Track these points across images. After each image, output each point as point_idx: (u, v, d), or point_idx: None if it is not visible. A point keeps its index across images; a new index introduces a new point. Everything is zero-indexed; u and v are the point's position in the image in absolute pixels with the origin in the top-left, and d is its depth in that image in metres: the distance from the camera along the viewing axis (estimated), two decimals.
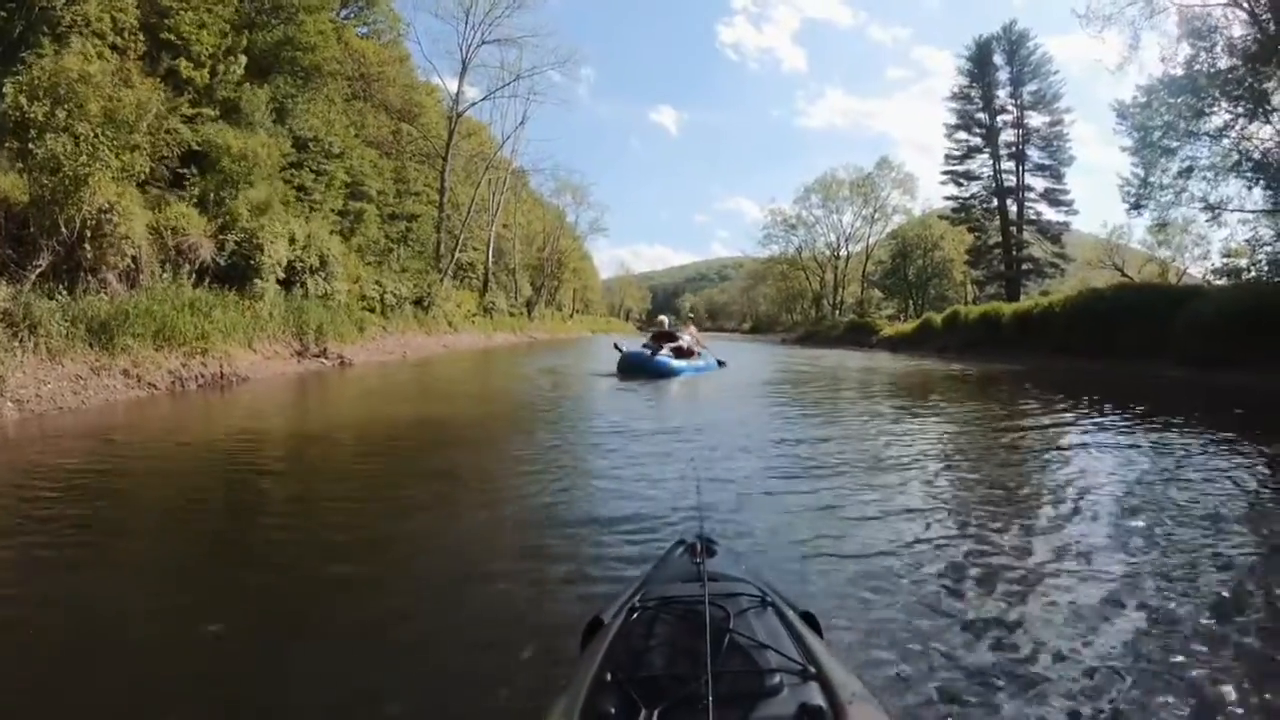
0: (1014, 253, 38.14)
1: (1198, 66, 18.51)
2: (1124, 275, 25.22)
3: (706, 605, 1.41)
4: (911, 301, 52.64)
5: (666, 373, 14.01)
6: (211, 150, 14.37)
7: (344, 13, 24.75)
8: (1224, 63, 18.07)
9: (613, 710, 1.16)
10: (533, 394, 11.98)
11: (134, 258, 11.03)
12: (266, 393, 10.67)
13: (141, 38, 13.85)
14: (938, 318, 28.72)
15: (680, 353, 15.09)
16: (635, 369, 14.03)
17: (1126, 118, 20.28)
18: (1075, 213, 38.11)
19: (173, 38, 15.05)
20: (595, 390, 12.37)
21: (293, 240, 14.97)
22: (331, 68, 21.97)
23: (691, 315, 19.05)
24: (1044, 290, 34.46)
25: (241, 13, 17.41)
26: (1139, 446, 6.65)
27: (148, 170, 11.52)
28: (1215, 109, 18.61)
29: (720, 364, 16.71)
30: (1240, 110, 18.00)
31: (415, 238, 29.16)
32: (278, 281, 14.28)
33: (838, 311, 54.86)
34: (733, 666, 1.28)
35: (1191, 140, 19.17)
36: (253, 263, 13.17)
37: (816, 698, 1.19)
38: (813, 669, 1.28)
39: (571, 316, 62.11)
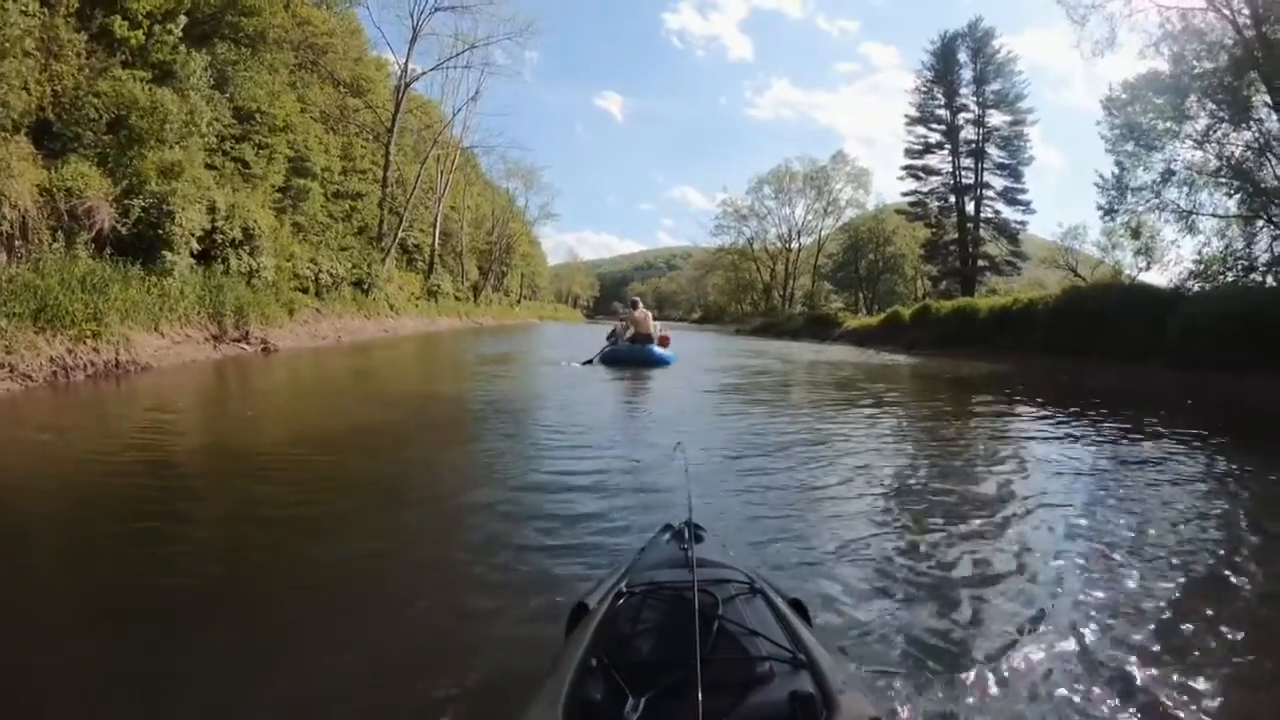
0: (970, 249, 38.31)
1: (1179, 68, 18.15)
2: (1076, 275, 25.21)
3: (695, 591, 1.35)
4: (862, 295, 53.03)
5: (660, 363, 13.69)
6: (119, 103, 12.58)
7: None
8: (1204, 66, 17.73)
9: (599, 697, 1.13)
10: (482, 388, 10.56)
11: (15, 222, 9.34)
12: (167, 384, 9.05)
13: None
14: (906, 312, 28.06)
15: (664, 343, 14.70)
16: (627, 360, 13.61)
17: (1112, 113, 19.81)
18: (1033, 212, 38.70)
19: None
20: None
21: (213, 209, 13.23)
22: (277, 35, 20.62)
23: (636, 300, 17.82)
24: (991, 289, 34.62)
25: None
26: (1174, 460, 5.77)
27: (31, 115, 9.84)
28: (1198, 112, 18.29)
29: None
30: (1223, 115, 17.67)
31: (360, 217, 27.55)
32: (192, 255, 12.54)
33: (788, 303, 54.71)
34: (722, 654, 1.26)
35: (1171, 142, 18.84)
36: (161, 232, 11.43)
37: (807, 685, 1.17)
38: (803, 656, 1.26)
39: (519, 302, 60.41)
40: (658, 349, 13.96)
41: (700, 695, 1.04)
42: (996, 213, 39.05)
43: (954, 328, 22.28)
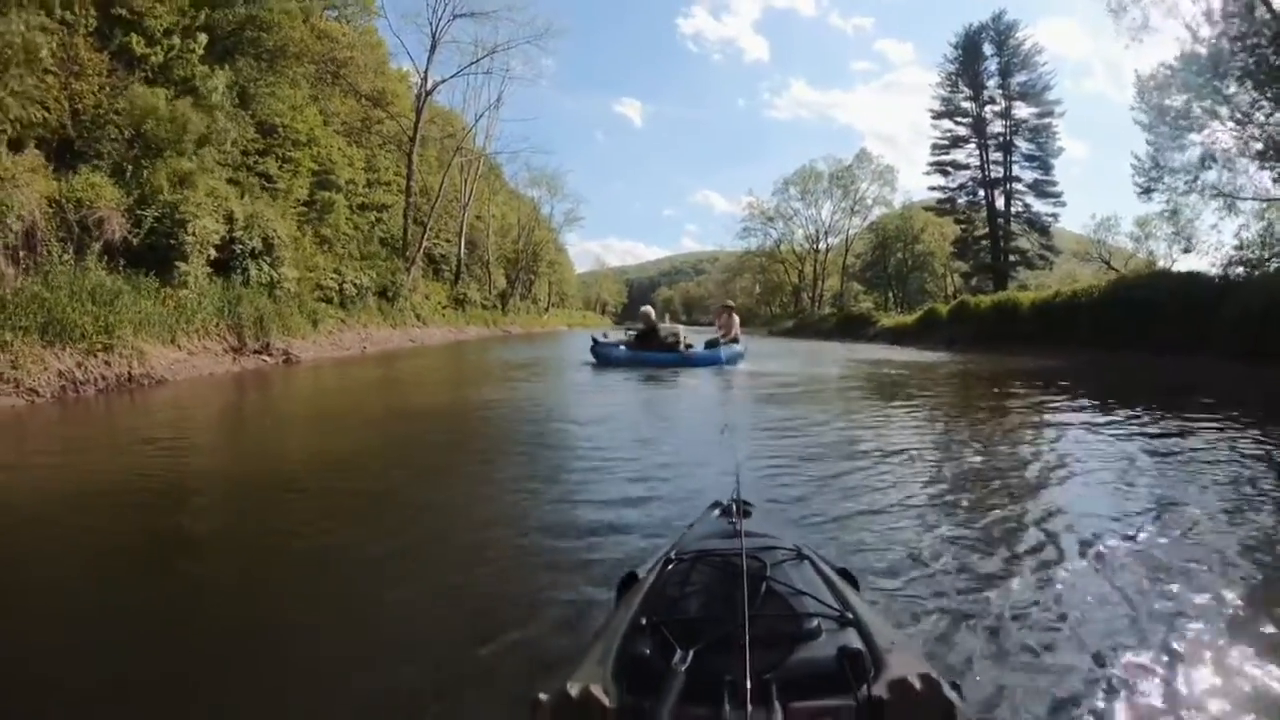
0: (1001, 244, 37.34)
1: (1218, 48, 17.33)
2: (1111, 268, 24.39)
3: (744, 556, 1.34)
4: (891, 294, 52.16)
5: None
6: (135, 112, 12.43)
7: None
8: (1246, 44, 16.88)
9: (648, 651, 1.15)
10: (509, 392, 10.03)
11: (23, 233, 9.10)
12: (182, 398, 8.70)
13: (93, 12, 12.89)
14: (943, 309, 27.20)
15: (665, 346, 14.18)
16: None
17: (1147, 95, 18.97)
18: (1063, 204, 37.68)
19: (124, 12, 13.79)
20: None
21: (230, 219, 12.97)
22: (297, 49, 21.02)
23: (731, 305, 17.42)
24: (1022, 284, 33.65)
25: None
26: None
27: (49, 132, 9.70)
28: (1239, 92, 17.43)
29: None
30: (1267, 95, 16.79)
31: (385, 228, 27.43)
32: (210, 265, 12.27)
33: (817, 305, 53.89)
34: (770, 611, 1.25)
35: (1210, 123, 17.98)
36: (174, 242, 11.16)
37: (855, 642, 1.16)
38: (851, 615, 1.25)
39: (547, 310, 60.20)
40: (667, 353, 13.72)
41: (749, 648, 1.04)
42: (1027, 206, 38.07)
43: (994, 323, 21.43)
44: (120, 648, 2.30)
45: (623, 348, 14.14)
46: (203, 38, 15.45)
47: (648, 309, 15.52)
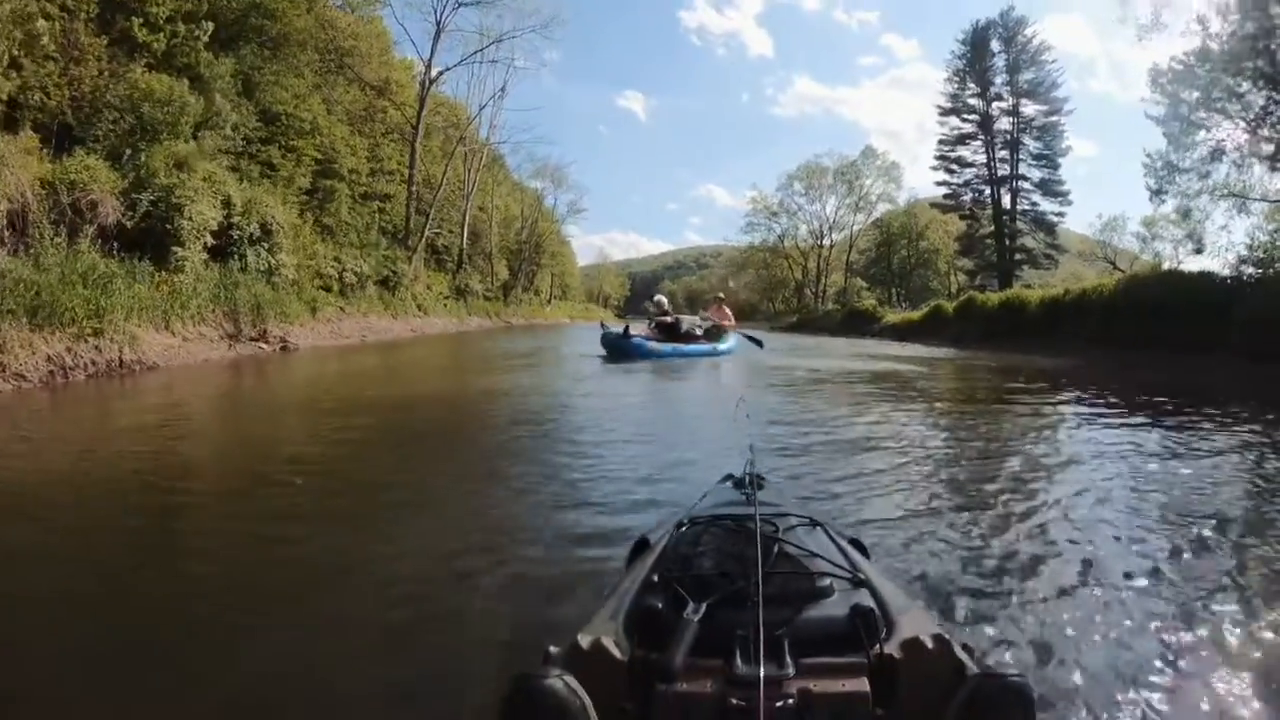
0: (1007, 242, 37.10)
1: (1229, 44, 17.04)
2: (1116, 269, 24.22)
3: (757, 520, 1.34)
4: (895, 291, 51.99)
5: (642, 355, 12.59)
6: (135, 95, 12.25)
7: None
8: (1259, 45, 16.58)
9: (660, 605, 1.13)
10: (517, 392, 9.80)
11: (15, 215, 8.89)
12: (173, 384, 8.51)
13: None
14: (949, 306, 26.94)
15: (676, 335, 13.62)
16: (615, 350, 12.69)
17: (1160, 90, 18.65)
18: (1070, 203, 37.44)
19: None
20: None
21: (228, 204, 12.75)
22: (301, 38, 20.92)
23: (721, 297, 17.01)
24: (1026, 284, 33.42)
25: None
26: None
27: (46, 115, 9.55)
28: (1251, 90, 17.15)
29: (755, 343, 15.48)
30: (1274, 95, 16.52)
31: (388, 218, 27.23)
32: (206, 250, 12.06)
33: (820, 300, 53.67)
34: (782, 569, 1.25)
35: (1223, 121, 17.69)
36: (170, 227, 10.94)
37: (867, 600, 1.16)
38: (863, 577, 1.26)
39: (549, 302, 59.95)
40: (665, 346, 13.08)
41: (761, 603, 1.04)
42: (1033, 204, 37.91)
43: (1002, 321, 21.16)
44: (93, 641, 2.12)
45: (650, 341, 12.99)
46: (208, 25, 15.36)
47: (662, 298, 15.12)
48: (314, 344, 14.20)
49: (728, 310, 16.02)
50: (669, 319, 14.10)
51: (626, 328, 13.48)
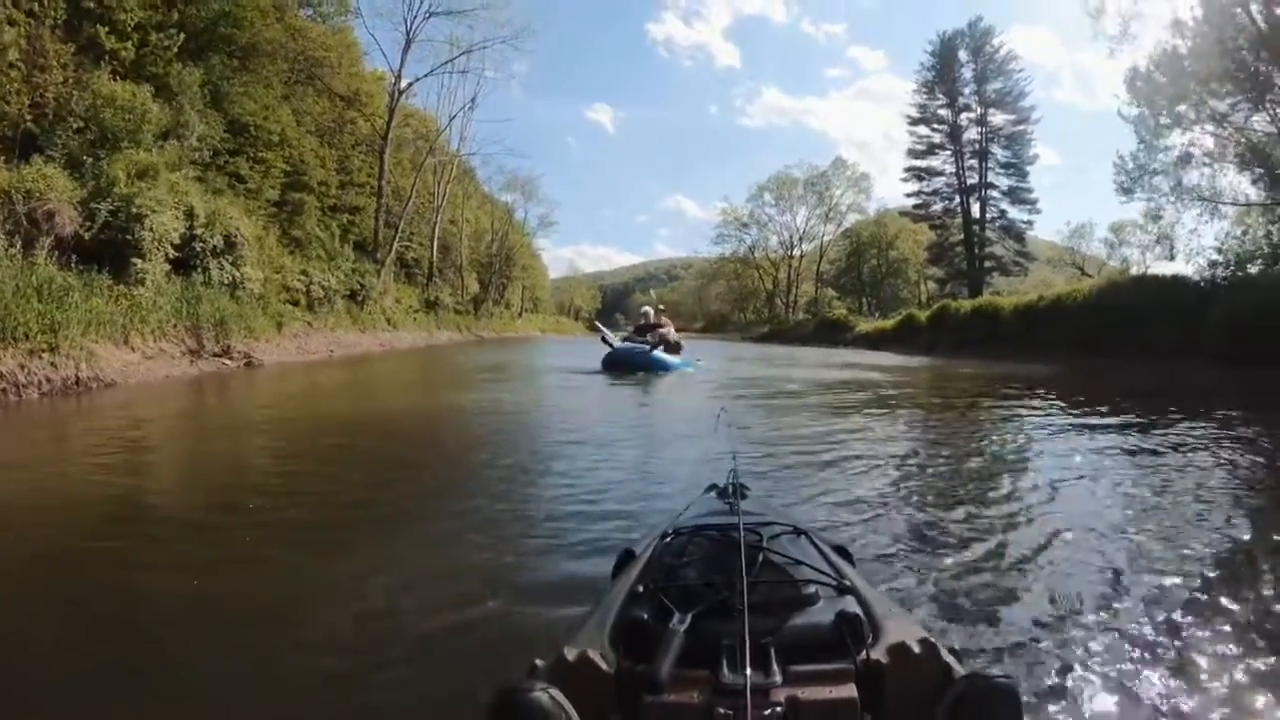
0: (977, 250, 37.68)
1: (1196, 47, 17.48)
2: (1085, 274, 24.72)
3: (741, 529, 1.34)
4: (865, 300, 52.56)
5: (658, 368, 12.82)
6: (97, 101, 12.01)
7: None
8: (1224, 46, 17.01)
9: (646, 616, 1.13)
10: (478, 398, 9.63)
11: None
12: (132, 402, 8.16)
13: (61, 4, 12.65)
14: (922, 314, 27.29)
15: (668, 346, 13.80)
16: (622, 365, 12.76)
17: (1134, 89, 19.03)
18: (1039, 211, 38.10)
19: (94, 5, 13.53)
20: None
21: (191, 215, 12.46)
22: (270, 48, 20.61)
23: (663, 308, 16.93)
24: (996, 291, 33.98)
25: None
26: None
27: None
28: (1219, 93, 17.58)
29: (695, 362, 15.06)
30: (1243, 96, 16.96)
31: (357, 230, 26.85)
32: (168, 263, 11.75)
33: (791, 310, 54.11)
34: (768, 578, 1.27)
35: (1192, 125, 18.10)
36: (130, 238, 10.64)
37: (853, 607, 1.16)
38: (848, 584, 1.27)
39: (520, 315, 59.65)
40: (656, 354, 13.11)
41: (747, 611, 1.05)
42: (1002, 212, 38.64)
43: (975, 328, 21.43)
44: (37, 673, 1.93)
45: (645, 346, 13.33)
46: (179, 36, 15.30)
47: (648, 309, 15.50)
48: (280, 360, 13.89)
49: (668, 321, 15.79)
50: (663, 328, 14.50)
51: (627, 338, 14.39)
